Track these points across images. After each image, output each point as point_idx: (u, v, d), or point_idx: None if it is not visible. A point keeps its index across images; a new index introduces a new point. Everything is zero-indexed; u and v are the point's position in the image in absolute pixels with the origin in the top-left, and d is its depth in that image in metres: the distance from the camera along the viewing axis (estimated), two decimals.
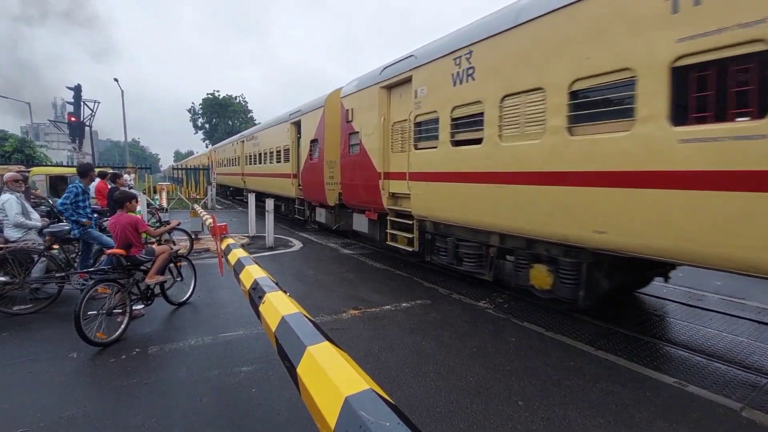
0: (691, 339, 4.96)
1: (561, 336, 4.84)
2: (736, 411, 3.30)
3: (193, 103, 68.26)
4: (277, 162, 15.49)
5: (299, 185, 13.32)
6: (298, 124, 13.27)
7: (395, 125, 7.91)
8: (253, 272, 2.99)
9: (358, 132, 8.97)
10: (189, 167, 42.81)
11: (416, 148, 7.08)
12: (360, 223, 9.58)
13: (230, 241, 4.75)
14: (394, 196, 8.05)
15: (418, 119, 7.03)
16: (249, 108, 65.94)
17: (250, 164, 20.09)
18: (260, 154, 18.13)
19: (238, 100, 64.62)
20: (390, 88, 8.02)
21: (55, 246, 6.01)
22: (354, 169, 9.27)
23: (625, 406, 3.36)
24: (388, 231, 8.17)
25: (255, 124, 40.16)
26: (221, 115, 62.36)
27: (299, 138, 13.22)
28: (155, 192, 21.73)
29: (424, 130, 6.96)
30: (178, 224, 6.39)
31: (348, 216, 10.57)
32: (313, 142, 11.60)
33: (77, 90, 20.10)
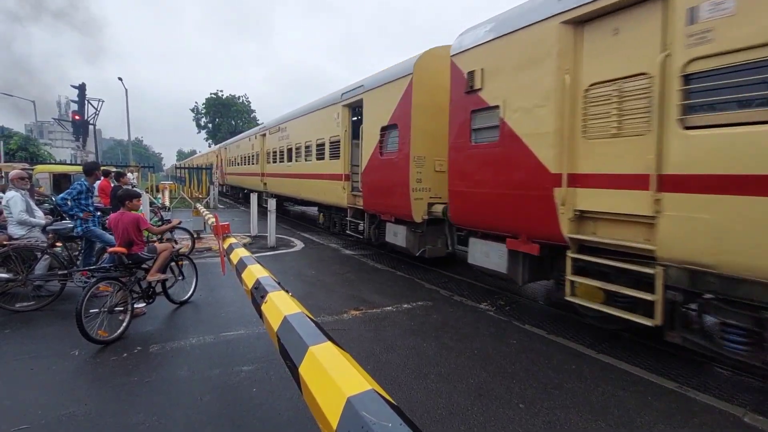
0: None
1: (562, 339, 4.83)
2: (738, 416, 3.28)
3: (196, 102, 68.38)
4: (318, 159, 11.98)
5: (355, 190, 10.14)
6: (355, 107, 10.24)
7: (595, 89, 4.47)
8: (256, 272, 3.00)
9: (495, 107, 5.60)
10: (193, 166, 42.52)
11: (688, 127, 3.65)
12: (487, 254, 6.08)
13: (232, 240, 4.76)
14: (582, 218, 4.70)
15: (699, 66, 3.60)
16: (252, 108, 66.10)
17: (274, 162, 16.71)
18: (290, 150, 14.63)
19: (241, 100, 64.77)
20: (584, 22, 4.59)
21: (58, 243, 6.04)
22: (483, 168, 5.89)
23: (627, 410, 3.35)
24: (568, 278, 4.68)
25: (258, 124, 39.75)
26: (224, 115, 62.49)
27: (357, 125, 10.18)
28: (158, 191, 21.80)
29: (730, 87, 3.44)
30: (179, 223, 6.40)
31: (437, 236, 7.99)
32: (387, 129, 8.46)
33: (81, 89, 20.20)
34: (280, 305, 2.21)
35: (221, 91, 63.48)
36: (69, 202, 5.90)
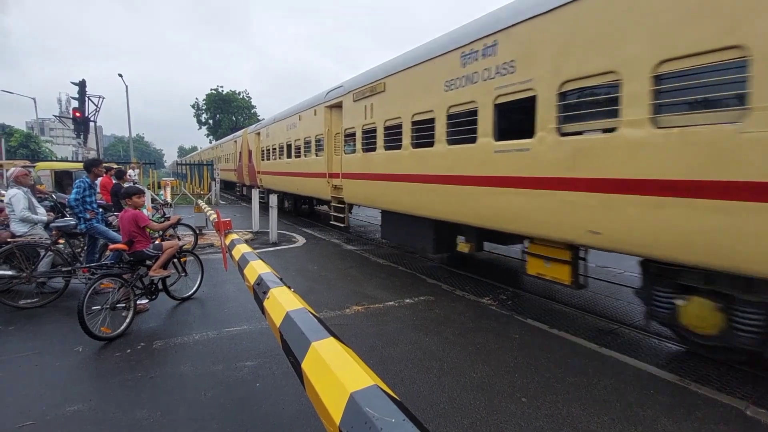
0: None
1: (564, 333, 4.83)
2: (741, 409, 3.28)
3: (196, 98, 68.23)
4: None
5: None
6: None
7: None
8: (258, 268, 3.00)
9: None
10: (197, 162, 39.77)
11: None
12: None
13: (234, 236, 4.77)
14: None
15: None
16: (252, 104, 65.85)
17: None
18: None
19: (242, 96, 64.54)
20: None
21: (62, 240, 6.05)
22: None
23: (630, 404, 3.35)
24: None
25: (259, 120, 38.73)
26: (225, 111, 62.34)
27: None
28: (160, 187, 21.78)
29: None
30: (179, 220, 6.40)
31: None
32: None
33: (82, 85, 20.11)
34: (283, 301, 2.21)
35: (221, 86, 63.25)
36: (80, 203, 5.87)
